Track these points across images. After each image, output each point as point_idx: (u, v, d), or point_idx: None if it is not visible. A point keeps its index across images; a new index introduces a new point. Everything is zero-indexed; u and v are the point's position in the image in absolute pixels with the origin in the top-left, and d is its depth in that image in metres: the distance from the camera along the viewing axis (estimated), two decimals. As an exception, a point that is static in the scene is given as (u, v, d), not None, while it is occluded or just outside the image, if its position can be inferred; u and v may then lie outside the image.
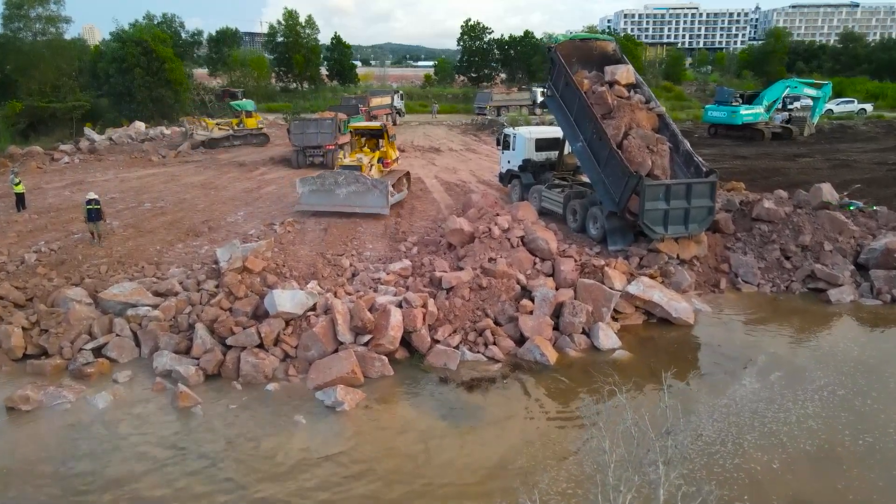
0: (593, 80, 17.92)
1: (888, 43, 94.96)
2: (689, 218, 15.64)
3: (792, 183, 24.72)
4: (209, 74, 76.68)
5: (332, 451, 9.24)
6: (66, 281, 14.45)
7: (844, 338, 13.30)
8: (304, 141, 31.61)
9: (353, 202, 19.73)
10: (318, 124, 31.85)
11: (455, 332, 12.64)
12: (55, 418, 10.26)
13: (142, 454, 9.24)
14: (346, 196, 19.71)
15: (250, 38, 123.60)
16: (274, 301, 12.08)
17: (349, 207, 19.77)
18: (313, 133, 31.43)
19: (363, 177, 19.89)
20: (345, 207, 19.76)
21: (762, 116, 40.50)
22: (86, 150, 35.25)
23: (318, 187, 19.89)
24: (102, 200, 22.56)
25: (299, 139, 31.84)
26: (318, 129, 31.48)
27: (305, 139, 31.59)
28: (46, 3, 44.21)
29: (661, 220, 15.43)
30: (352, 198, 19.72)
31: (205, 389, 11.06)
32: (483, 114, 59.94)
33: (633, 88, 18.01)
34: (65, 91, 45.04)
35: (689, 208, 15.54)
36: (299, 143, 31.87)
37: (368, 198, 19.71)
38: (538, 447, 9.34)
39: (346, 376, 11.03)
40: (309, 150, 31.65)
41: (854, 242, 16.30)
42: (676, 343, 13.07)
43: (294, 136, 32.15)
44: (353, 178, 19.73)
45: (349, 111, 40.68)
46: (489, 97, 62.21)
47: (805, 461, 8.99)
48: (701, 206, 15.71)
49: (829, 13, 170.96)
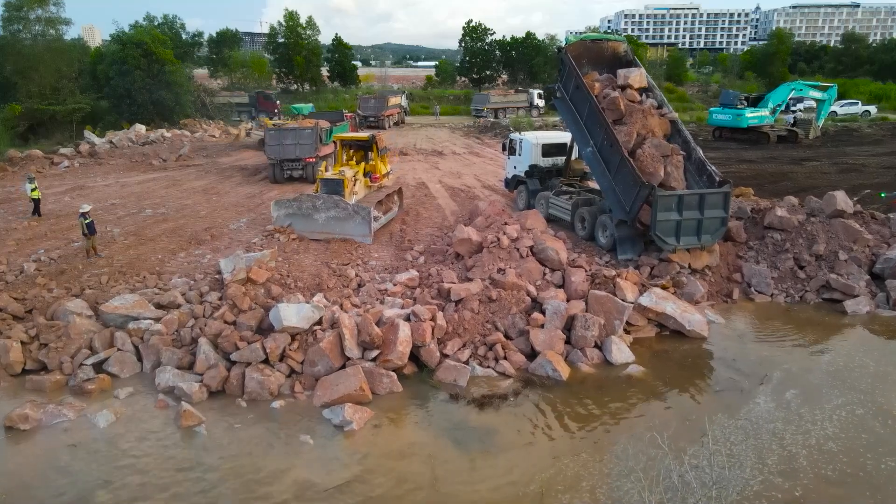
0: (605, 83, 17.61)
1: (890, 44, 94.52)
2: (701, 229, 15.32)
3: (800, 188, 24.48)
4: (210, 76, 76.43)
5: (336, 482, 8.83)
6: (66, 292, 14.13)
7: (861, 351, 12.99)
8: (282, 153, 28.11)
9: (332, 229, 17.93)
10: (296, 134, 28.18)
11: (464, 346, 12.35)
12: (55, 438, 9.96)
13: (143, 478, 8.92)
14: (326, 222, 17.95)
15: (251, 39, 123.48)
16: (279, 315, 11.78)
17: (328, 235, 17.95)
18: (291, 144, 27.99)
19: (343, 202, 18.05)
20: (323, 235, 17.95)
21: (767, 119, 40.22)
22: (86, 153, 34.90)
23: (295, 211, 18.19)
24: (103, 206, 22.44)
25: (276, 151, 28.20)
26: (296, 139, 27.95)
27: (283, 151, 28.08)
28: (46, 5, 43.78)
29: (673, 231, 15.10)
30: (331, 224, 17.94)
31: (208, 407, 10.76)
32: (481, 116, 59.78)
33: (644, 92, 17.71)
34: (64, 93, 44.65)
35: (701, 219, 15.22)
36: (276, 156, 28.27)
37: (349, 225, 17.90)
38: (555, 471, 9.04)
39: (354, 393, 10.73)
40: (287, 163, 28.23)
41: (869, 251, 16.00)
42: (690, 357, 12.76)
43: (269, 148, 28.47)
44: (333, 203, 17.90)
45: (332, 118, 36.49)
46: (487, 99, 62.17)
47: (827, 488, 8.66)
48: (714, 217, 15.40)
49: (830, 13, 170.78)
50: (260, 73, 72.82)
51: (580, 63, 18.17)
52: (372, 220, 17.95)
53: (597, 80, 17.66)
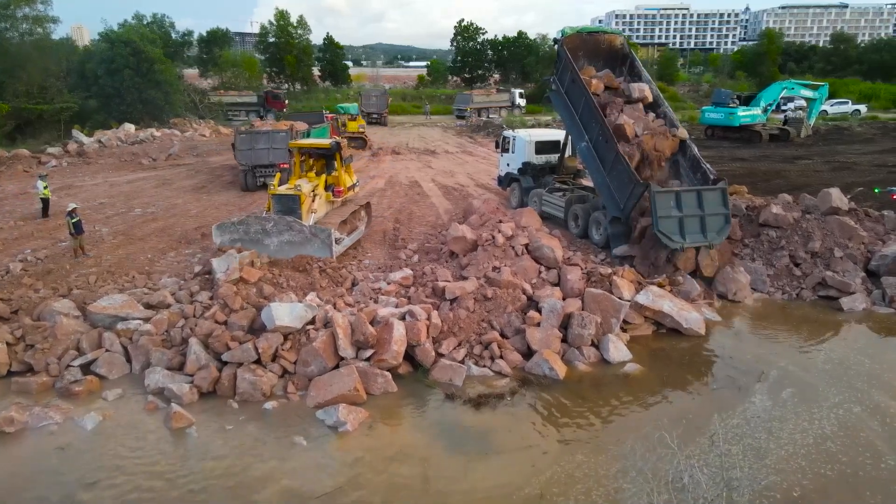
0: (603, 80, 17.47)
1: (879, 44, 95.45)
2: (705, 227, 14.98)
3: (793, 186, 24.49)
4: (200, 75, 75.91)
5: (329, 488, 8.58)
6: (53, 292, 13.86)
7: (857, 348, 12.91)
8: (254, 159, 25.69)
9: (287, 254, 15.18)
10: (269, 138, 26.00)
11: (460, 345, 12.17)
12: (41, 441, 9.68)
13: (131, 482, 8.67)
14: (279, 247, 15.34)
15: (241, 39, 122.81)
16: (272, 314, 11.56)
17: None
18: (264, 149, 25.62)
19: (298, 223, 15.39)
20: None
21: (760, 118, 40.34)
22: (74, 152, 34.51)
23: (242, 236, 15.43)
24: (92, 206, 22.12)
25: (247, 156, 25.79)
26: (269, 143, 25.65)
27: (254, 156, 25.70)
28: (33, 3, 43.22)
29: (676, 228, 14.76)
30: (285, 249, 15.31)
31: (200, 409, 10.51)
32: (464, 116, 59.41)
33: (651, 109, 17.51)
34: (52, 92, 44.03)
35: (703, 216, 14.94)
36: (247, 162, 25.77)
37: (307, 249, 15.34)
38: (554, 472, 8.88)
39: (349, 394, 10.54)
40: (259, 169, 25.55)
41: (864, 249, 15.97)
42: (688, 355, 12.65)
43: (240, 153, 26.12)
44: (286, 226, 15.31)
45: (311, 120, 33.82)
46: (470, 99, 61.69)
47: (826, 487, 8.54)
48: (716, 214, 15.11)
49: (819, 14, 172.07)
50: (251, 73, 72.37)
51: (576, 56, 18.00)
52: (333, 243, 15.39)
53: (594, 77, 17.53)
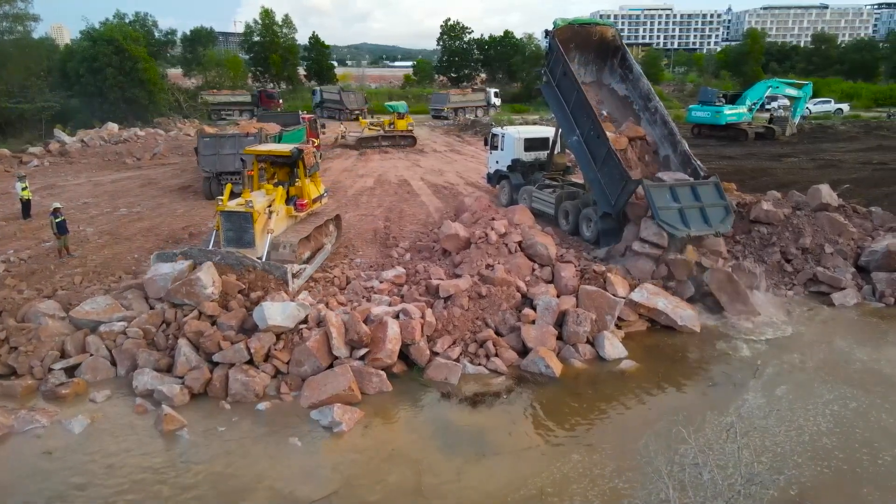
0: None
1: (860, 44, 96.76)
2: (707, 217, 14.73)
3: (781, 183, 24.61)
4: (183, 75, 75.03)
5: (325, 491, 8.40)
6: (37, 293, 13.51)
7: (850, 343, 12.98)
8: (219, 165, 23.32)
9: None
10: (235, 142, 23.23)
11: (455, 343, 12.05)
12: (27, 445, 9.43)
13: (121, 487, 8.46)
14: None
15: (225, 39, 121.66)
16: (264, 314, 11.34)
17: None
18: (230, 155, 22.97)
19: (248, 259, 13.16)
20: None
21: (745, 116, 40.65)
22: (56, 152, 33.92)
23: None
24: (76, 205, 21.70)
25: (210, 162, 23.44)
26: (235, 148, 22.68)
27: (220, 163, 23.32)
28: (13, 1, 42.54)
29: (678, 218, 14.47)
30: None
31: (191, 410, 10.29)
32: (440, 116, 59.26)
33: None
34: (33, 91, 43.26)
35: (703, 206, 14.71)
36: (211, 168, 23.47)
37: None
38: (553, 472, 8.79)
39: (343, 393, 10.38)
40: (225, 176, 23.00)
41: (854, 244, 16.07)
42: (682, 352, 12.63)
43: (203, 159, 23.72)
44: (235, 261, 13.08)
45: (285, 121, 31.01)
46: (447, 99, 61.52)
47: (825, 485, 8.53)
48: (716, 205, 14.92)
49: (800, 14, 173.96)
50: (235, 73, 71.67)
51: (568, 48, 17.85)
52: (290, 280, 13.12)
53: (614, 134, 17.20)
